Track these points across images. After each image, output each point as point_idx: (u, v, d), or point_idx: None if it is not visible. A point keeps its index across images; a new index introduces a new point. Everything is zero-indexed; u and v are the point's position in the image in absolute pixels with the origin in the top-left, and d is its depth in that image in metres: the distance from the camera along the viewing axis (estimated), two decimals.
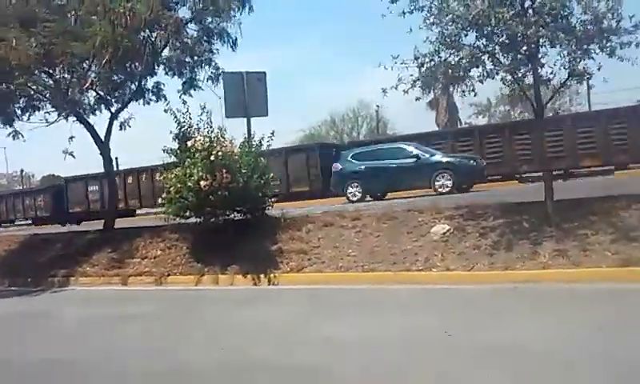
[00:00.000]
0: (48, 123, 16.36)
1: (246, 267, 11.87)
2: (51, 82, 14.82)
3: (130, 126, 16.86)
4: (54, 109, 16.15)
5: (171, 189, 12.41)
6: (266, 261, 11.89)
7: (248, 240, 12.73)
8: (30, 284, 14.48)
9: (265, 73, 13.86)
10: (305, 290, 10.37)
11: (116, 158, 34.65)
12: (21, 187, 53.38)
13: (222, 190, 11.70)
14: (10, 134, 15.65)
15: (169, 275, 12.82)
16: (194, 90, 15.39)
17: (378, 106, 56.18)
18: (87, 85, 13.77)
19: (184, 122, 13.23)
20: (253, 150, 12.67)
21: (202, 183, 11.60)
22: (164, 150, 13.70)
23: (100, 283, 13.51)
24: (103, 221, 16.83)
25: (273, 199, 13.52)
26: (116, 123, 16.33)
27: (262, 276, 11.51)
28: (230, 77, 13.59)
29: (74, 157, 16.73)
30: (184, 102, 13.33)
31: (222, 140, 12.14)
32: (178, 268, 12.99)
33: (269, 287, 11.22)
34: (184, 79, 15.33)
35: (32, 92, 15.35)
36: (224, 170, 11.63)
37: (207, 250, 12.94)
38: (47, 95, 15.40)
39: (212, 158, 11.58)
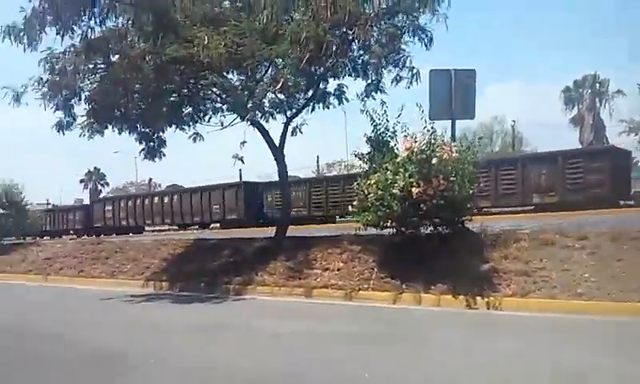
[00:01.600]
0: (222, 127, 16.01)
1: (454, 287, 10.51)
2: (235, 83, 14.29)
3: (301, 132, 16.16)
4: (230, 112, 15.75)
5: (370, 196, 11.31)
6: (477, 281, 10.46)
7: (449, 256, 11.37)
8: (203, 290, 13.94)
9: (474, 70, 12.50)
10: (546, 319, 8.78)
11: (239, 170, 35.22)
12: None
13: (436, 198, 10.41)
14: (190, 136, 15.34)
15: (359, 290, 11.71)
16: (379, 92, 14.26)
17: (514, 122, 53.58)
18: (279, 87, 12.98)
19: (379, 124, 12.21)
20: (464, 156, 11.26)
21: (414, 190, 10.38)
22: (355, 155, 12.78)
23: (280, 294, 12.67)
24: (275, 228, 16.10)
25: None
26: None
27: (478, 298, 10.07)
28: (437, 75, 12.29)
29: (243, 162, 16.23)
30: (383, 103, 12.28)
31: (443, 144, 10.86)
32: (368, 282, 11.86)
33: (489, 312, 9.74)
34: (368, 81, 14.27)
35: (214, 94, 14.98)
36: (441, 177, 10.36)
37: (400, 264, 11.75)
38: (227, 97, 14.90)
39: (433, 162, 10.35)
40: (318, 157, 54.61)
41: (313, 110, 15.00)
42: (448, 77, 12.20)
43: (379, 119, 12.25)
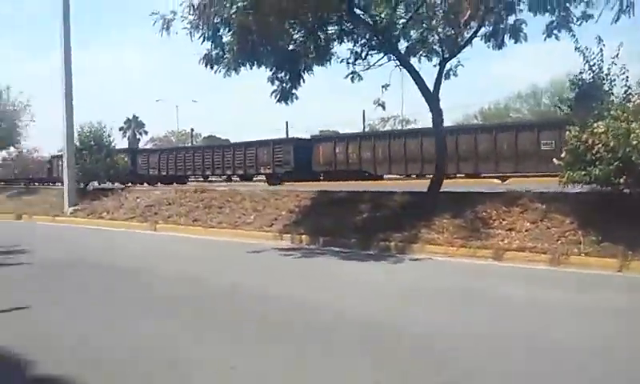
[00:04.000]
0: (368, 66, 14.55)
1: None
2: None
3: (455, 75, 14.54)
4: (376, 51, 14.29)
5: (598, 146, 9.70)
6: None
7: None
8: (354, 246, 12.61)
9: None
10: None
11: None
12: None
13: None
14: (347, 75, 13.89)
15: (568, 254, 10.19)
16: (565, 31, 12.37)
17: None
18: (465, 18, 11.30)
19: (595, 64, 10.58)
20: None
21: None
22: (560, 101, 11.17)
23: (459, 254, 11.21)
24: (430, 182, 14.61)
25: None
26: None
27: None
28: None
29: (384, 108, 14.93)
30: (600, 40, 10.58)
31: None
32: (577, 246, 10.33)
33: None
34: (554, 16, 12.39)
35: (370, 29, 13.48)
36: None
37: (613, 227, 10.20)
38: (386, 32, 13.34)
39: None
40: (364, 111, 53.09)
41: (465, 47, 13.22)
42: None
43: (593, 59, 10.65)
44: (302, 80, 14.33)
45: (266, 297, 7.87)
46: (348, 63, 13.97)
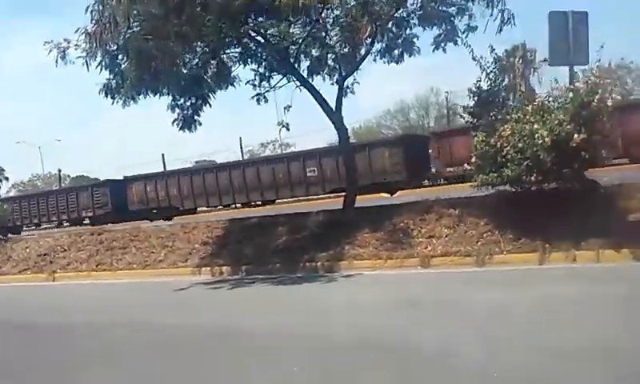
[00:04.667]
0: (270, 88, 14.59)
1: (612, 241, 9.72)
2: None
3: (353, 93, 15.00)
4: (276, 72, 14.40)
5: (506, 149, 10.37)
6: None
7: (583, 210, 10.54)
8: (280, 270, 12.59)
9: (587, 13, 11.62)
10: None
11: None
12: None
13: (599, 145, 9.65)
14: (253, 97, 13.77)
15: (491, 254, 10.76)
16: (453, 43, 13.12)
17: (447, 93, 52.29)
18: (366, 35, 11.61)
19: (491, 72, 11.36)
20: None
21: (577, 137, 9.53)
22: (464, 108, 11.84)
23: (388, 266, 11.55)
24: (343, 199, 14.78)
25: None
26: None
27: None
28: (557, 17, 11.27)
29: (288, 129, 14.93)
30: (492, 49, 11.42)
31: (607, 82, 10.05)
32: (497, 245, 10.94)
33: None
34: (441, 30, 13.08)
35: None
36: (604, 119, 9.59)
37: (526, 224, 10.88)
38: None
39: (608, 103, 9.56)
40: (240, 138, 53.92)
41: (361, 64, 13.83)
42: (565, 19, 11.27)
43: (488, 67, 11.42)
44: (205, 105, 14.06)
45: (251, 333, 7.36)
46: (253, 85, 13.92)
